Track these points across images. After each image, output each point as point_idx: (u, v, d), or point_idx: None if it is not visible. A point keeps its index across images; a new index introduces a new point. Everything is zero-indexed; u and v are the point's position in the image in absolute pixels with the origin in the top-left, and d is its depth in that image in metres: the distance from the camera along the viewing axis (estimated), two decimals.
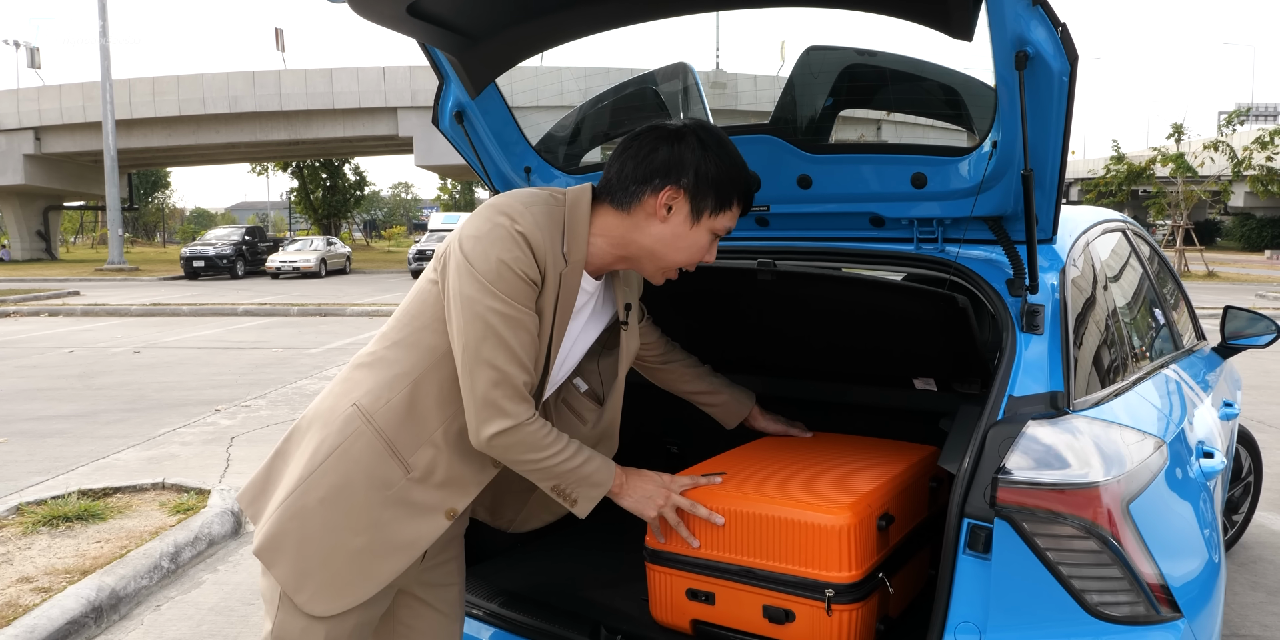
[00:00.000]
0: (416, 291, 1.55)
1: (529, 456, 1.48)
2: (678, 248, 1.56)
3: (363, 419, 1.49)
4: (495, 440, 1.45)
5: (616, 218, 1.56)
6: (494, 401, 1.43)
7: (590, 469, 1.55)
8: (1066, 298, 1.76)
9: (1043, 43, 1.42)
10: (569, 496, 1.56)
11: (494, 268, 1.42)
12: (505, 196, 1.51)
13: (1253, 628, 3.18)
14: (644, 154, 1.54)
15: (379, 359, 1.54)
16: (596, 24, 1.90)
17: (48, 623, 3.03)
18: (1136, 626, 1.42)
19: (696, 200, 1.54)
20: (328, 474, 1.47)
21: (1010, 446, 1.44)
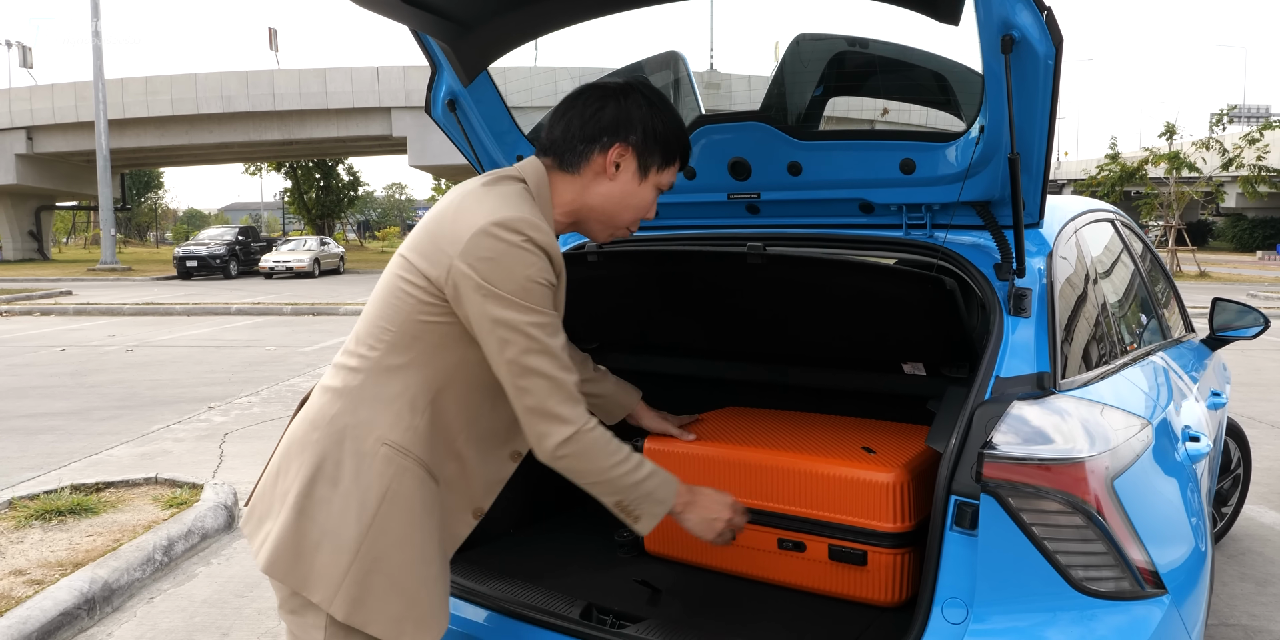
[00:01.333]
0: (403, 308, 1.47)
1: (597, 464, 1.45)
2: (626, 205, 1.57)
3: (401, 455, 1.45)
4: (562, 449, 1.42)
5: (566, 181, 1.55)
6: (551, 410, 1.41)
7: (654, 484, 1.52)
8: (1053, 282, 1.78)
9: (1028, 26, 1.44)
10: (633, 512, 1.52)
11: (521, 286, 1.39)
12: (496, 209, 1.44)
13: (1241, 617, 3.21)
14: (590, 113, 1.53)
15: (382, 384, 1.48)
16: (587, 11, 1.91)
17: (40, 614, 3.03)
18: (1122, 601, 1.43)
19: (644, 157, 1.54)
20: (389, 519, 1.43)
21: (996, 424, 1.46)
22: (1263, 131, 24.26)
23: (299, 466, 1.48)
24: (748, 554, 2.00)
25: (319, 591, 1.42)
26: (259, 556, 1.48)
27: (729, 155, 2.01)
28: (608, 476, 1.47)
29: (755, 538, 1.96)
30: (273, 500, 1.51)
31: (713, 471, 2.01)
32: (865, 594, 1.86)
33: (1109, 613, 1.42)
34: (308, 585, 1.43)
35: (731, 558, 2.03)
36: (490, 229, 1.40)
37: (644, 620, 1.79)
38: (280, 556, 1.45)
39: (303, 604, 1.47)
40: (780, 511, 1.93)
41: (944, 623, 1.43)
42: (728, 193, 2.09)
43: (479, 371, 1.48)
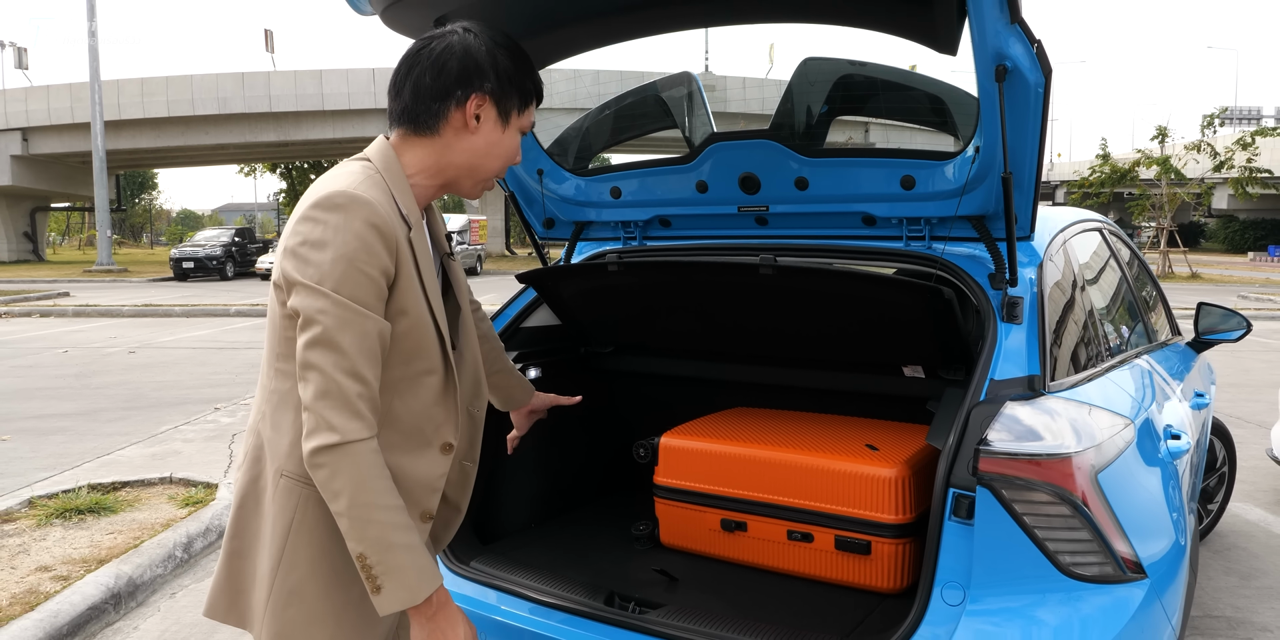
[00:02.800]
0: (275, 326, 1.39)
1: (349, 490, 1.26)
2: (494, 155, 1.45)
3: (300, 485, 1.36)
4: (317, 457, 1.26)
5: (424, 146, 1.43)
6: (318, 413, 1.26)
7: (406, 561, 1.29)
8: (1044, 291, 1.91)
9: (1020, 57, 1.57)
10: (375, 579, 1.29)
11: (324, 270, 1.27)
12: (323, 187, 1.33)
13: (1225, 610, 3.34)
14: (438, 66, 1.39)
15: (276, 412, 1.39)
16: (606, 37, 2.04)
17: (70, 608, 3.14)
18: (1105, 584, 1.57)
19: (503, 102, 1.42)
20: (298, 550, 1.37)
21: (991, 423, 1.59)
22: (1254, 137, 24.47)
23: (231, 509, 1.47)
24: (759, 545, 2.12)
25: (254, 626, 1.42)
26: (204, 603, 1.48)
27: (740, 170, 2.13)
28: (358, 515, 1.27)
29: (766, 529, 2.09)
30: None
31: (725, 467, 2.14)
32: (870, 581, 1.99)
33: (1094, 594, 1.55)
34: (244, 621, 1.44)
35: (743, 549, 2.16)
36: (307, 212, 1.30)
37: (663, 606, 1.91)
38: (218, 599, 1.45)
39: None
40: (789, 505, 2.06)
41: (943, 604, 1.56)
42: (738, 205, 2.21)
43: None
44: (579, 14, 1.94)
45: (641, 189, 2.36)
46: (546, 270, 2.36)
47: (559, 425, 2.65)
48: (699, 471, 2.17)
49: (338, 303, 1.26)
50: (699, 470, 2.17)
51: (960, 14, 1.60)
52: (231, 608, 1.45)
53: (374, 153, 1.43)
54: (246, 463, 1.44)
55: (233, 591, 1.44)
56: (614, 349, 2.76)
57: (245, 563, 1.43)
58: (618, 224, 2.53)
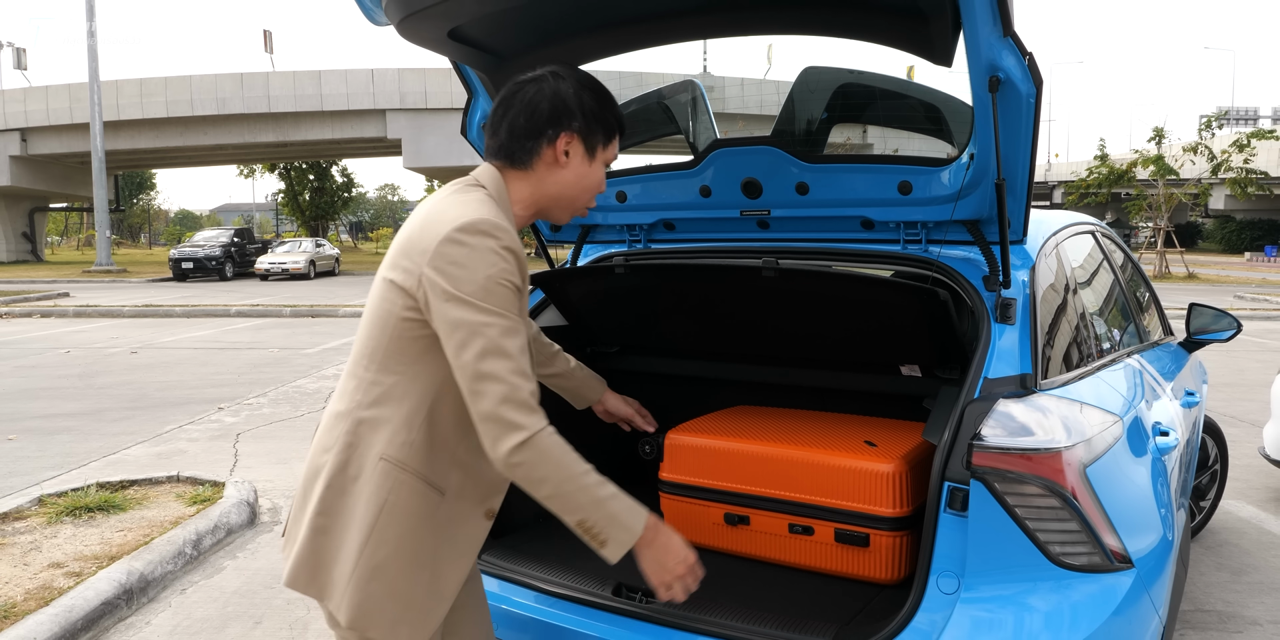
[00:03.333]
0: (389, 326, 1.51)
1: (553, 474, 1.42)
2: (583, 187, 1.63)
3: (398, 470, 1.50)
4: (516, 456, 1.41)
5: (520, 179, 1.60)
6: (504, 416, 1.40)
7: (619, 507, 1.47)
8: (1036, 292, 1.98)
9: (1012, 69, 1.64)
10: (598, 536, 1.47)
11: (483, 287, 1.41)
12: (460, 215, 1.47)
13: (1216, 604, 3.41)
14: (530, 107, 1.56)
15: (378, 402, 1.53)
16: (615, 48, 2.10)
17: (84, 604, 3.20)
18: (1094, 573, 1.64)
19: (590, 139, 1.60)
20: (386, 529, 1.49)
21: (984, 419, 1.66)
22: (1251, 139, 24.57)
23: (314, 489, 1.56)
24: (762, 538, 2.19)
25: (332, 598, 1.53)
26: (284, 574, 1.58)
27: (742, 175, 2.20)
28: (565, 490, 1.43)
29: (768, 523, 2.16)
30: (299, 523, 1.59)
31: (728, 462, 2.21)
32: (868, 572, 2.06)
33: (1082, 582, 1.63)
34: (324, 594, 1.54)
35: (746, 542, 2.23)
36: (454, 235, 1.43)
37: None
38: (300, 571, 1.55)
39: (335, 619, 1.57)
40: (790, 499, 2.13)
41: (939, 593, 1.63)
42: (741, 209, 2.28)
43: None
44: (587, 27, 2.01)
45: (646, 193, 2.43)
46: (555, 272, 2.42)
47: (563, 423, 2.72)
48: (703, 467, 2.24)
49: (499, 315, 1.42)
50: (703, 466, 2.24)
51: (955, 28, 1.66)
52: (312, 580, 1.55)
53: (488, 181, 1.59)
54: (339, 447, 1.54)
55: (315, 565, 1.54)
56: (619, 349, 2.83)
57: (329, 539, 1.54)
58: (623, 227, 2.59)
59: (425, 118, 31.19)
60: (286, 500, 4.75)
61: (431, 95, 31.06)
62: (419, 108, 31.31)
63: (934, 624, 1.60)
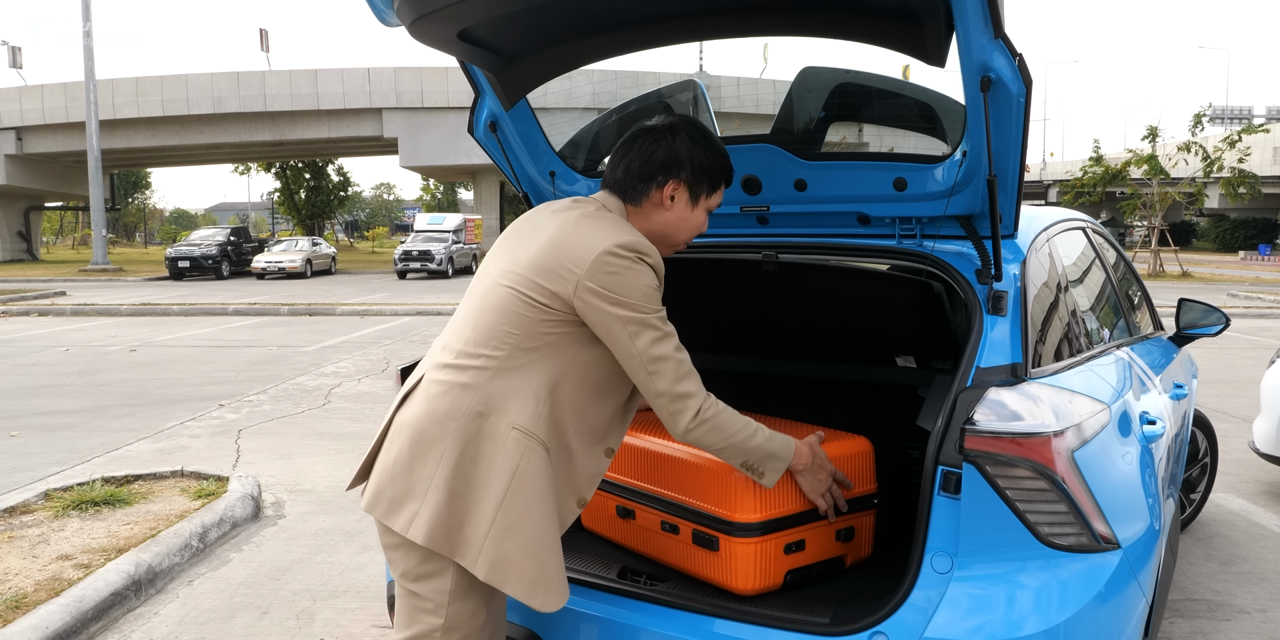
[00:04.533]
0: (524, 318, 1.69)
1: (724, 434, 1.72)
2: (683, 228, 1.85)
3: (529, 438, 1.67)
4: (693, 423, 1.69)
5: (632, 214, 1.82)
6: (680, 390, 1.68)
7: (775, 445, 1.80)
8: (1026, 285, 2.04)
9: (1003, 69, 1.70)
10: (757, 470, 1.79)
11: (644, 293, 1.67)
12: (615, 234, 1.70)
13: (1205, 593, 3.48)
14: (646, 154, 1.79)
15: (511, 379, 1.69)
16: (618, 48, 2.16)
17: (94, 594, 3.26)
18: (1081, 553, 1.71)
19: (694, 188, 1.81)
20: (519, 492, 1.65)
21: (976, 405, 1.73)
22: (1242, 134, 24.68)
23: (439, 454, 1.69)
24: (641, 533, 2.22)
25: (467, 556, 1.66)
26: (414, 532, 1.68)
27: (742, 172, 2.26)
28: (733, 442, 1.74)
29: (647, 519, 2.19)
30: (412, 484, 1.70)
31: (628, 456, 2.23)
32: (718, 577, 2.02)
33: (1070, 562, 1.69)
34: (457, 551, 1.67)
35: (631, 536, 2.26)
36: (615, 249, 1.67)
37: (671, 579, 2.04)
38: (437, 530, 1.67)
39: (430, 572, 1.71)
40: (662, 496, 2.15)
41: (933, 572, 1.70)
42: (740, 205, 2.34)
43: (589, 370, 1.73)
44: (591, 29, 2.07)
45: None
46: None
47: None
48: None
49: (656, 310, 1.69)
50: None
51: (948, 29, 1.73)
52: (448, 538, 1.67)
53: (614, 209, 1.82)
54: (465, 418, 1.69)
55: (450, 525, 1.67)
56: None
57: (462, 502, 1.67)
58: None
59: (421, 117, 31.23)
60: (290, 494, 4.81)
61: (428, 94, 31.09)
62: (415, 107, 31.33)
63: (929, 601, 1.67)
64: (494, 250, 1.88)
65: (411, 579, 1.73)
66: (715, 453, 1.76)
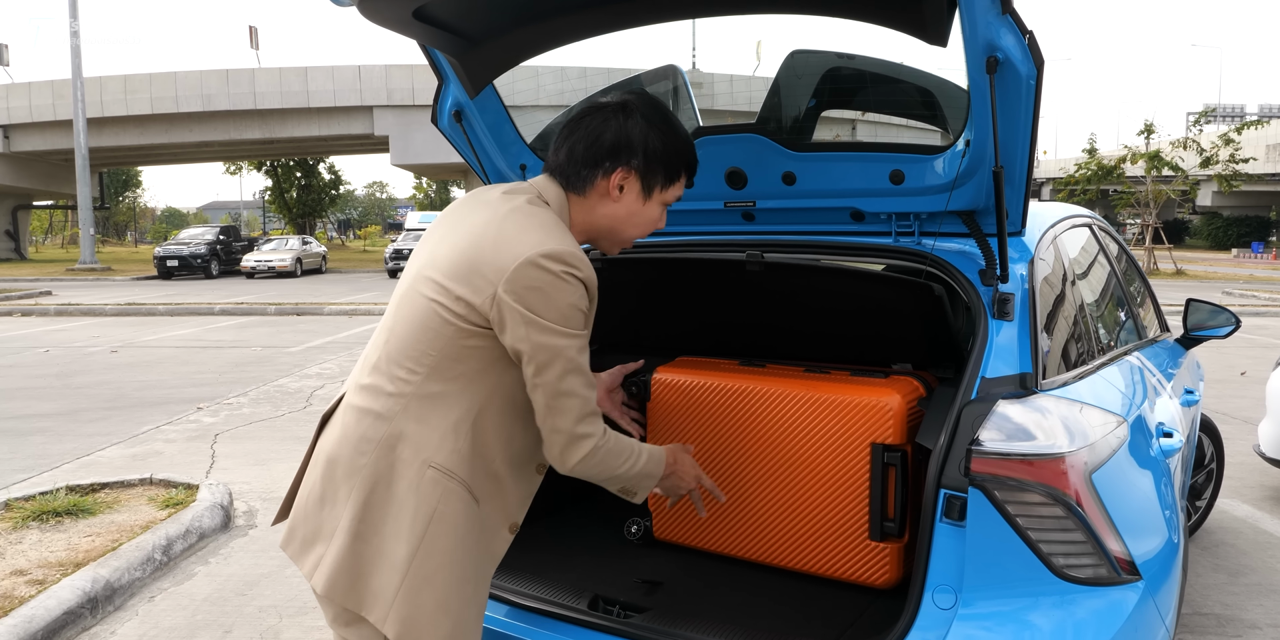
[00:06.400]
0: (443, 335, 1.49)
1: (609, 468, 1.53)
2: (633, 223, 1.61)
3: (446, 478, 1.48)
4: (582, 465, 1.50)
5: (575, 204, 1.59)
6: (577, 430, 1.47)
7: (651, 465, 1.61)
8: (1035, 287, 1.88)
9: (1011, 49, 1.53)
10: (630, 491, 1.63)
11: (563, 314, 1.44)
12: (541, 240, 1.46)
13: (1214, 607, 3.33)
14: (592, 136, 1.54)
15: (427, 408, 1.50)
16: (590, 29, 1.99)
17: (45, 613, 3.08)
18: (1099, 587, 1.54)
19: (647, 178, 1.57)
20: (437, 539, 1.46)
21: (982, 422, 1.56)
22: (1240, 131, 24.64)
23: (349, 491, 1.50)
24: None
25: (375, 611, 1.47)
26: (315, 580, 1.51)
27: (726, 165, 2.09)
28: (617, 474, 1.56)
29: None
30: (321, 523, 1.53)
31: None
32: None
33: (1087, 597, 1.52)
34: (364, 605, 1.48)
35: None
36: (537, 260, 1.43)
37: (649, 610, 1.87)
38: (339, 579, 1.48)
39: (355, 618, 1.51)
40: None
41: (934, 608, 1.52)
42: (724, 201, 2.17)
43: (517, 390, 1.52)
44: (563, 6, 1.90)
45: None
46: None
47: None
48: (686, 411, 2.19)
49: (575, 336, 1.46)
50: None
51: (950, 4, 1.56)
52: (351, 589, 1.49)
53: (553, 200, 1.57)
54: (380, 450, 1.50)
55: (354, 573, 1.49)
56: (598, 347, 2.72)
57: (369, 548, 1.48)
58: None
59: (413, 114, 30.99)
60: (264, 503, 4.63)
61: (419, 92, 30.86)
62: (406, 104, 31.13)
63: None
64: (421, 240, 1.65)
65: (343, 624, 1.55)
66: (598, 482, 1.58)
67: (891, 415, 1.87)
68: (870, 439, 1.90)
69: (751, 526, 2.11)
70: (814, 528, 2.00)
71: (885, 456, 1.88)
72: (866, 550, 1.93)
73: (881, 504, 1.89)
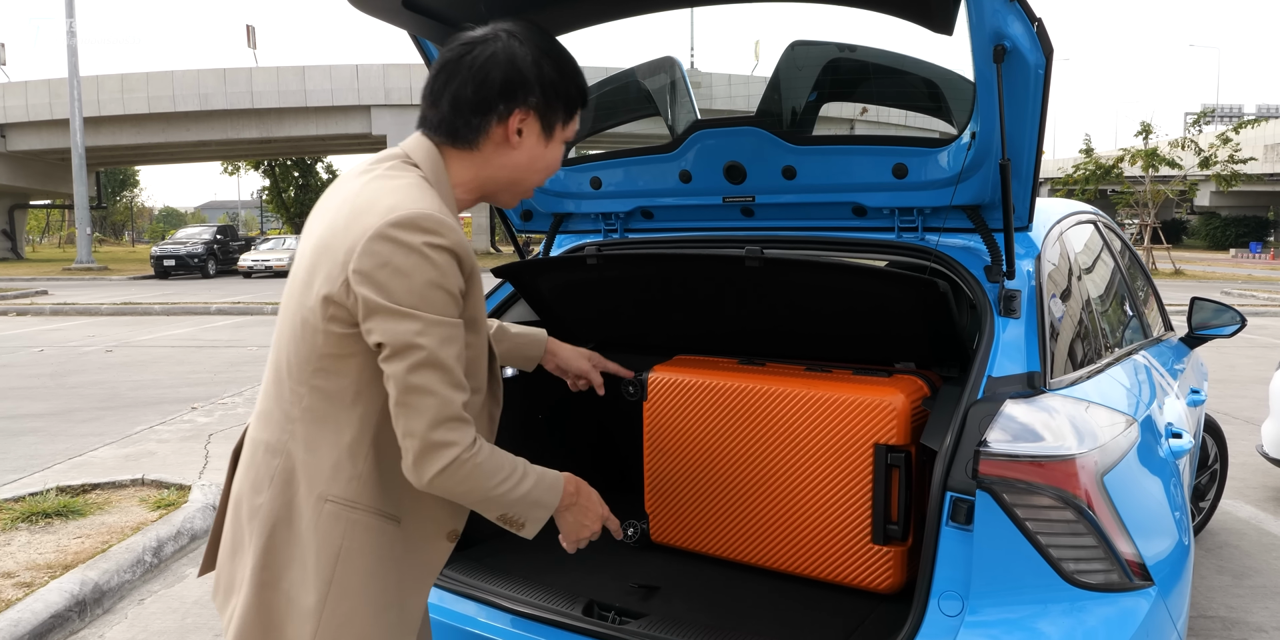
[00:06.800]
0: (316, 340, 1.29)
1: (478, 487, 1.28)
2: (534, 170, 1.41)
3: (348, 509, 1.31)
4: (440, 479, 1.24)
5: (464, 160, 1.36)
6: (438, 437, 1.23)
7: (540, 492, 1.36)
8: (1042, 284, 1.83)
9: (1020, 37, 1.48)
10: (517, 521, 1.36)
11: (420, 295, 1.22)
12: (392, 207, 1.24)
13: (1219, 609, 3.28)
14: (479, 77, 1.31)
15: (315, 434, 1.32)
16: (586, 18, 1.94)
17: (31, 617, 3.03)
18: (1110, 593, 1.49)
19: (547, 117, 1.36)
20: (346, 580, 1.31)
21: (990, 423, 1.51)
22: (1238, 130, 24.65)
23: (251, 535, 1.36)
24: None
25: None
26: (227, 636, 1.37)
27: (724, 159, 2.05)
28: (491, 496, 1.30)
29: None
30: (234, 572, 1.40)
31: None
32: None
33: (1098, 604, 1.47)
34: None
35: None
36: (385, 231, 1.22)
37: (645, 616, 1.82)
38: (249, 633, 1.35)
39: None
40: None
41: (940, 615, 1.47)
42: (723, 196, 2.13)
43: None
44: None
45: (623, 179, 2.27)
46: (523, 264, 2.26)
47: (535, 425, 2.56)
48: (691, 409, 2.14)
49: (435, 323, 1.23)
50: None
51: None
52: (265, 637, 1.35)
53: (423, 160, 1.35)
54: (275, 487, 1.33)
55: (265, 626, 1.34)
56: (594, 345, 2.67)
57: (277, 595, 1.34)
58: (598, 216, 2.43)
59: (410, 114, 30.92)
60: None
61: (417, 91, 29.88)
62: (404, 104, 31.09)
63: None
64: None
65: None
66: (469, 505, 1.33)
67: (895, 415, 1.82)
68: (873, 439, 1.85)
69: (751, 529, 2.06)
70: (815, 531, 1.95)
71: (888, 457, 1.83)
72: (869, 554, 1.89)
73: (884, 506, 1.84)
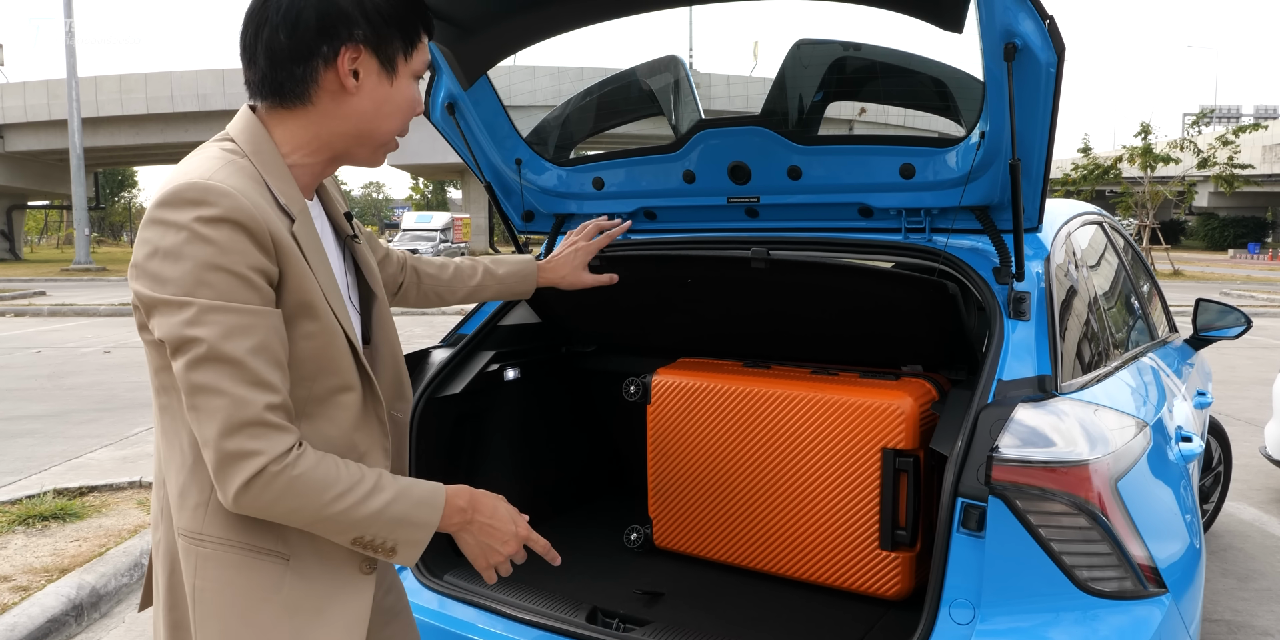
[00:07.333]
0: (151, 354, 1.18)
1: (304, 504, 1.07)
2: (385, 114, 1.20)
3: (196, 543, 1.14)
4: (246, 497, 1.05)
5: (296, 119, 1.18)
6: (233, 446, 1.04)
7: (405, 506, 1.14)
8: (1051, 285, 1.80)
9: (1031, 35, 1.46)
10: (383, 546, 1.14)
11: (195, 278, 1.05)
12: (171, 181, 1.10)
13: (1224, 613, 3.26)
14: (289, 19, 1.12)
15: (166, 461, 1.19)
16: (586, 17, 1.91)
17: (28, 621, 3.00)
18: (1124, 600, 1.46)
19: (384, 49, 1.17)
20: (205, 624, 1.14)
21: (1002, 427, 1.48)
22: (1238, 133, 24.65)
23: (158, 572, 1.25)
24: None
25: None
26: None
27: (729, 159, 2.02)
28: (326, 515, 1.09)
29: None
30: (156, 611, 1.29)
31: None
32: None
33: (1112, 612, 1.45)
34: None
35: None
36: (152, 213, 1.08)
37: (649, 623, 1.80)
38: None
39: None
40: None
41: (951, 623, 1.45)
42: (727, 196, 2.10)
43: None
44: None
45: (625, 180, 2.24)
46: None
47: (537, 428, 2.53)
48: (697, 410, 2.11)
49: (214, 309, 1.04)
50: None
51: None
52: None
53: (238, 131, 1.18)
54: (163, 520, 1.21)
55: None
56: (596, 348, 2.65)
57: (187, 635, 1.20)
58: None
59: None
60: None
61: None
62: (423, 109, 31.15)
63: None
64: None
65: None
66: (306, 528, 1.12)
67: (903, 418, 1.80)
68: (881, 443, 1.82)
69: (756, 534, 2.03)
70: (822, 536, 1.93)
71: (897, 462, 1.81)
72: (877, 560, 1.86)
73: (893, 512, 1.82)
